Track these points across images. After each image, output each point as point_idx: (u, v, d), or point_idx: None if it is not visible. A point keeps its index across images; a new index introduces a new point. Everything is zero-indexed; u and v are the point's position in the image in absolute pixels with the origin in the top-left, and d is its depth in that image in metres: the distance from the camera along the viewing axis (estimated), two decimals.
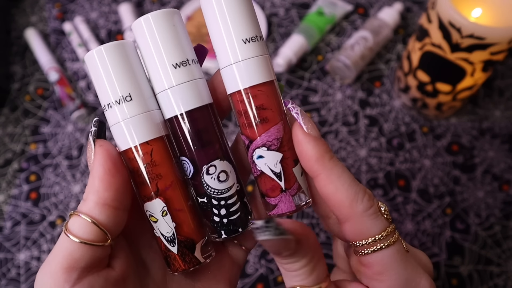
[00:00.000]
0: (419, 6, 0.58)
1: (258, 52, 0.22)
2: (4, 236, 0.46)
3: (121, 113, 0.21)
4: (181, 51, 0.22)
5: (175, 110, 0.22)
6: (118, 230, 0.21)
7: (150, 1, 0.60)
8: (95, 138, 0.21)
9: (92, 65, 0.21)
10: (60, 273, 0.19)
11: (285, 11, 0.58)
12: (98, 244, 0.20)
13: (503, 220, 0.46)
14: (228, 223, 0.22)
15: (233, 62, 0.22)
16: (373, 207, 0.21)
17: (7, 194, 0.48)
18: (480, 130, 0.50)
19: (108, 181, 0.20)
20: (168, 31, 0.21)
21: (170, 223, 0.22)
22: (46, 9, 0.60)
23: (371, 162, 0.49)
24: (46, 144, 0.51)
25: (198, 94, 0.22)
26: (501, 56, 0.40)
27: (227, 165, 0.22)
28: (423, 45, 0.43)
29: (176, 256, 0.22)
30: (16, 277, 0.44)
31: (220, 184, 0.22)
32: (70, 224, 0.20)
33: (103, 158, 0.20)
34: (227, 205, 0.22)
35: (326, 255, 0.45)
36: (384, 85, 0.53)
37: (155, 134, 0.22)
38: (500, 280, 0.43)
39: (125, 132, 0.21)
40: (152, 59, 0.22)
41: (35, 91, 0.54)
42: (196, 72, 0.22)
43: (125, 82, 0.21)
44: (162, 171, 0.21)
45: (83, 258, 0.19)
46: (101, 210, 0.20)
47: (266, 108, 0.22)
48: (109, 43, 0.21)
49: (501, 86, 0.53)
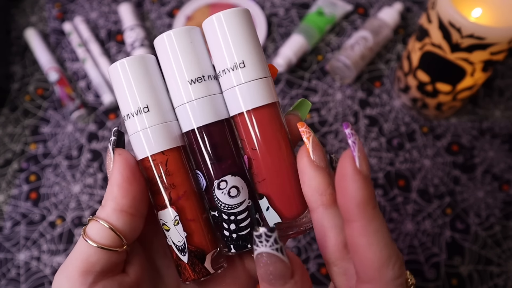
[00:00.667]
0: (419, 6, 0.58)
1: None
2: (4, 236, 0.46)
3: (139, 123, 0.22)
4: (199, 67, 0.22)
5: (190, 124, 0.22)
6: (134, 236, 0.22)
7: (150, 1, 0.60)
8: (114, 147, 0.22)
9: (115, 76, 0.22)
10: (76, 276, 0.20)
11: (285, 11, 0.58)
12: (114, 249, 0.20)
13: (503, 220, 0.46)
14: (237, 238, 0.23)
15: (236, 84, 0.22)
16: (402, 277, 0.19)
17: (7, 194, 0.48)
18: (480, 130, 0.50)
19: (125, 189, 0.21)
20: (188, 47, 0.22)
21: (181, 232, 0.22)
22: (46, 9, 0.60)
23: (371, 162, 0.49)
24: (46, 144, 0.51)
25: (213, 109, 0.22)
26: (501, 56, 0.40)
27: (239, 181, 0.22)
28: (423, 45, 0.43)
29: (186, 265, 0.23)
30: (16, 277, 0.44)
31: (230, 200, 0.22)
32: (88, 229, 0.21)
33: (121, 166, 0.21)
34: (237, 221, 0.22)
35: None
36: (384, 85, 0.53)
37: (171, 145, 0.22)
38: (500, 280, 0.43)
39: (142, 141, 0.22)
40: (172, 73, 0.22)
41: (35, 91, 0.54)
42: (214, 88, 0.22)
43: (145, 93, 0.22)
44: (176, 181, 0.22)
45: (99, 263, 0.20)
46: (118, 216, 0.21)
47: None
48: (131, 57, 0.22)
49: (501, 86, 0.53)
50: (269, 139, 0.22)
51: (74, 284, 0.20)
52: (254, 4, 0.57)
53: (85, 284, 0.20)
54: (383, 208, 0.46)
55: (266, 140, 0.22)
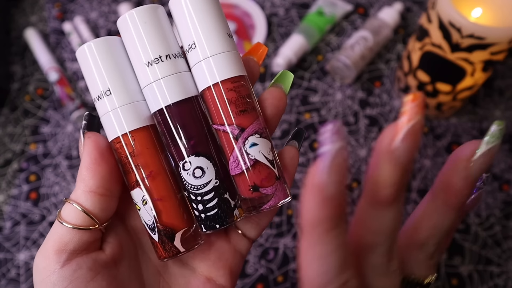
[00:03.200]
0: (419, 6, 0.58)
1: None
2: (4, 236, 0.46)
3: (108, 104, 0.22)
4: (162, 45, 0.22)
5: (155, 104, 0.22)
6: (106, 215, 0.22)
7: (150, 1, 0.60)
8: (85, 130, 0.23)
9: (82, 59, 0.23)
10: (51, 255, 0.21)
11: (285, 11, 0.58)
12: (85, 228, 0.21)
13: (503, 220, 0.46)
14: (206, 218, 0.23)
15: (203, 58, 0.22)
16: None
17: (7, 194, 0.48)
18: (480, 130, 0.50)
19: (93, 170, 0.21)
20: (150, 26, 0.22)
21: (150, 212, 0.22)
22: (46, 9, 0.60)
23: None
24: (46, 144, 0.51)
25: (178, 88, 0.22)
26: (501, 56, 0.40)
27: (203, 161, 0.22)
28: (423, 45, 0.43)
29: (157, 244, 0.23)
30: (16, 277, 0.44)
31: (195, 180, 0.22)
32: (62, 211, 0.22)
33: (89, 148, 0.22)
34: (204, 201, 0.22)
35: None
36: (384, 85, 0.53)
37: (138, 125, 0.22)
38: (500, 280, 0.43)
39: (112, 122, 0.22)
40: (137, 53, 0.22)
41: (35, 91, 0.54)
42: (179, 65, 0.22)
43: (111, 74, 0.22)
44: (142, 161, 0.22)
45: (72, 241, 0.21)
46: (87, 197, 0.21)
47: (248, 99, 0.22)
48: (97, 39, 0.22)
49: (501, 86, 0.53)
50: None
51: (49, 262, 0.21)
52: (254, 4, 0.57)
53: (59, 262, 0.21)
54: None
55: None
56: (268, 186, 0.22)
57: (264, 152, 0.22)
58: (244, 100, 0.22)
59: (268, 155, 0.22)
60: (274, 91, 0.24)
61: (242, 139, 0.22)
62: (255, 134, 0.22)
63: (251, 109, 0.22)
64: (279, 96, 0.24)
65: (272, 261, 0.44)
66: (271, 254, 0.45)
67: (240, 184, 0.23)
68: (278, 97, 0.24)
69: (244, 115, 0.22)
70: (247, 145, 0.22)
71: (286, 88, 0.24)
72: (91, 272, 0.21)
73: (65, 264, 0.21)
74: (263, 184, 0.22)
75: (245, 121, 0.22)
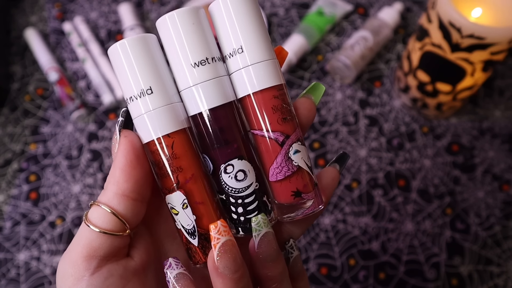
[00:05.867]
0: (419, 6, 0.58)
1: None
2: (4, 236, 0.46)
3: (143, 106, 0.21)
4: (205, 49, 0.22)
5: (197, 108, 0.22)
6: (137, 221, 0.21)
7: (150, 1, 0.60)
8: (121, 128, 0.22)
9: (115, 58, 0.22)
10: (80, 262, 0.20)
11: (285, 11, 0.58)
12: (116, 233, 0.20)
13: (503, 220, 0.46)
14: (245, 221, 0.22)
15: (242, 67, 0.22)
16: None
17: (7, 194, 0.48)
18: (480, 130, 0.50)
19: (128, 173, 0.21)
20: (193, 28, 0.21)
21: (190, 215, 0.22)
22: (46, 9, 0.60)
23: (371, 162, 0.49)
24: (46, 144, 0.51)
25: (219, 92, 0.22)
26: (501, 56, 0.40)
27: (245, 164, 0.22)
28: (423, 45, 0.43)
29: (196, 248, 0.22)
30: (16, 277, 0.44)
31: (237, 183, 0.22)
32: (90, 214, 0.21)
33: (126, 149, 0.21)
34: (244, 204, 0.22)
35: (326, 255, 0.45)
36: (384, 85, 0.53)
37: (177, 127, 0.22)
38: (500, 280, 0.43)
39: (147, 124, 0.21)
40: (177, 56, 0.22)
41: (35, 91, 0.54)
42: (220, 69, 0.22)
43: (147, 74, 0.21)
44: (183, 164, 0.22)
45: (102, 247, 0.20)
46: (120, 200, 0.20)
47: (289, 107, 0.23)
48: (132, 37, 0.21)
49: (501, 86, 0.53)
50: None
51: (78, 269, 0.20)
52: None
53: (89, 269, 0.20)
54: (383, 208, 0.46)
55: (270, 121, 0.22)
56: (309, 192, 0.23)
57: (305, 159, 0.23)
58: (288, 108, 0.22)
59: (308, 162, 0.23)
60: (305, 102, 0.24)
61: (287, 145, 0.22)
62: (297, 142, 0.22)
63: (293, 117, 0.23)
64: (309, 107, 0.24)
65: None
66: None
67: (281, 189, 0.23)
68: (308, 108, 0.24)
69: (287, 123, 0.22)
70: (291, 151, 0.22)
71: (317, 100, 0.24)
72: (123, 280, 0.20)
73: (96, 271, 0.20)
74: (305, 190, 0.22)
75: (288, 128, 0.22)
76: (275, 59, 0.23)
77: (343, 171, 0.48)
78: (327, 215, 0.46)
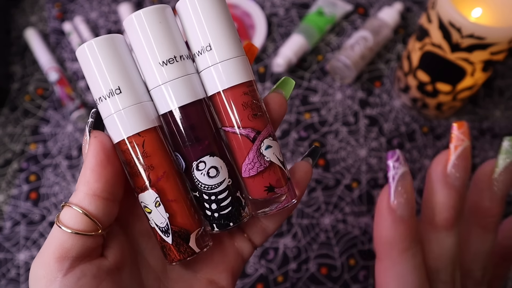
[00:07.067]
0: (419, 6, 0.58)
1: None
2: (4, 236, 0.46)
3: (112, 106, 0.22)
4: (173, 47, 0.22)
5: (166, 106, 0.22)
6: (109, 220, 0.21)
7: (150, 1, 0.60)
8: (91, 129, 0.22)
9: (83, 59, 0.22)
10: (52, 263, 0.20)
11: (285, 11, 0.58)
12: (88, 234, 0.20)
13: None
14: (219, 217, 0.23)
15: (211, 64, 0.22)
16: None
17: (7, 194, 0.48)
18: (480, 130, 0.50)
19: (99, 173, 0.21)
20: (160, 27, 0.22)
21: (163, 213, 0.22)
22: (46, 9, 0.60)
23: (371, 162, 0.49)
24: (46, 144, 0.51)
25: (188, 90, 0.22)
26: (501, 56, 0.40)
27: (217, 161, 0.22)
28: (423, 45, 0.43)
29: (171, 246, 0.22)
30: (16, 277, 0.44)
31: (210, 180, 0.22)
32: (62, 215, 0.21)
33: (96, 149, 0.21)
34: (218, 200, 0.22)
35: (326, 255, 0.45)
36: (384, 85, 0.53)
37: (147, 126, 0.22)
38: None
39: (117, 124, 0.22)
40: (145, 55, 0.22)
41: (35, 91, 0.54)
42: (189, 67, 0.22)
43: (116, 74, 0.21)
44: (154, 162, 0.22)
45: (74, 248, 0.20)
46: (91, 200, 0.20)
47: (260, 103, 0.23)
48: (99, 37, 0.21)
49: (501, 86, 0.53)
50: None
51: (50, 270, 0.20)
52: (254, 4, 0.57)
53: (62, 270, 0.20)
54: None
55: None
56: (282, 187, 0.23)
57: (277, 154, 0.23)
58: (258, 104, 0.23)
59: (280, 157, 0.23)
60: (275, 96, 0.24)
61: (259, 141, 0.22)
62: (269, 137, 0.22)
63: (263, 113, 0.23)
64: (280, 102, 0.24)
65: (272, 261, 0.44)
66: (271, 254, 0.45)
67: (254, 185, 0.23)
68: (279, 103, 0.24)
69: (258, 119, 0.22)
70: (262, 147, 0.22)
71: (287, 94, 0.24)
72: (96, 280, 0.20)
73: (68, 272, 0.20)
74: (278, 185, 0.23)
75: (259, 124, 0.22)
76: (244, 56, 0.23)
77: (343, 171, 0.48)
78: (327, 215, 0.46)
